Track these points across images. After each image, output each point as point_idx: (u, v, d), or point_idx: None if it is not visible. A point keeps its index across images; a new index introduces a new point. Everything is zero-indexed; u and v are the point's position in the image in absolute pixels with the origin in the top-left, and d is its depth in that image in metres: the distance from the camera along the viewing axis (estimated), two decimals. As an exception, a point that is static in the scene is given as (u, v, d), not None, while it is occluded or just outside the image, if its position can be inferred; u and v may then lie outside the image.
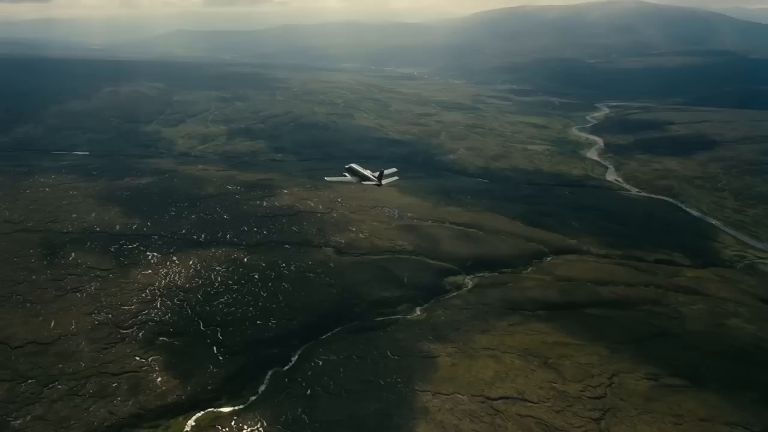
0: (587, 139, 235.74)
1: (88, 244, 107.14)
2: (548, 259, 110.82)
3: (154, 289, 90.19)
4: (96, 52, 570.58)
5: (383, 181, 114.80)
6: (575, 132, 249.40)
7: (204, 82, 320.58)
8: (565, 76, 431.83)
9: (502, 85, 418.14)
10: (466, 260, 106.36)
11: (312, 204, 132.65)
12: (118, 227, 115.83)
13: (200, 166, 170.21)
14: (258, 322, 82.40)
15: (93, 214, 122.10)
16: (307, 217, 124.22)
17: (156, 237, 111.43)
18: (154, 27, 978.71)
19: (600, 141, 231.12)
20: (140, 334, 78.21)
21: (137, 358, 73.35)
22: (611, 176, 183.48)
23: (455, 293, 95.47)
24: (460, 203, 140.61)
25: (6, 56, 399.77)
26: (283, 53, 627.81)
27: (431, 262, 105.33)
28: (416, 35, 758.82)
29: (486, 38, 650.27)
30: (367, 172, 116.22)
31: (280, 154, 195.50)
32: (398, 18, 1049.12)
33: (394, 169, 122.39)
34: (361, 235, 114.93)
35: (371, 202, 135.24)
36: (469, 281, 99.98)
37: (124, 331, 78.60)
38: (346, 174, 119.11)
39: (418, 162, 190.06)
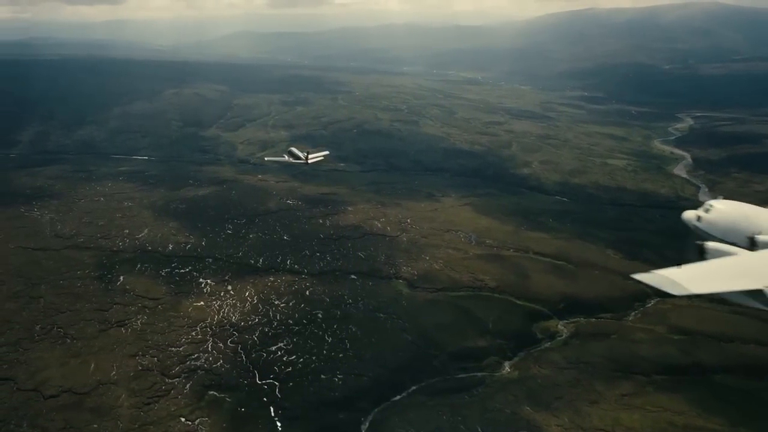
0: (672, 153, 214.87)
1: (139, 266, 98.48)
2: (653, 302, 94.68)
3: (206, 327, 79.89)
4: (161, 53, 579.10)
5: (310, 161, 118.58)
6: (658, 145, 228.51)
7: (265, 85, 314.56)
8: (638, 83, 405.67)
9: (572, 91, 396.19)
10: (557, 301, 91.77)
11: (379, 225, 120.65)
12: (171, 246, 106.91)
13: (259, 176, 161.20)
14: (322, 376, 70.52)
15: (146, 230, 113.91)
16: (374, 241, 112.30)
17: (210, 260, 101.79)
18: (218, 28, 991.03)
19: (687, 156, 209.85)
20: (188, 385, 67.62)
21: (182, 419, 62.60)
22: (705, 197, 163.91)
23: (549, 344, 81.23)
24: (542, 227, 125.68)
25: (75, 57, 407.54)
26: (344, 55, 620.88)
27: (518, 302, 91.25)
28: (479, 38, 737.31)
29: (552, 42, 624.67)
30: (300, 153, 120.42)
31: (342, 164, 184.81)
32: (460, 20, 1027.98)
33: (326, 152, 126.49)
34: (435, 266, 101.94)
35: (444, 224, 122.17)
36: (563, 328, 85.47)
37: (169, 381, 68.23)
38: (285, 155, 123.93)
39: (490, 176, 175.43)
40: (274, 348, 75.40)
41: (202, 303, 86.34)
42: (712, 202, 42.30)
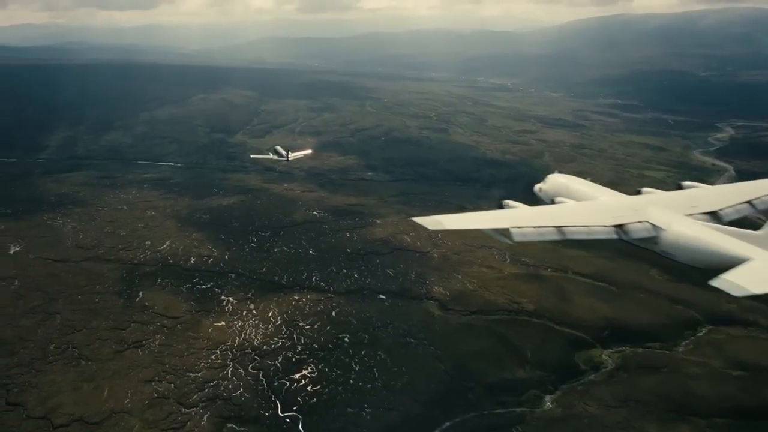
0: (714, 164, 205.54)
1: (159, 280, 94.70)
2: (704, 330, 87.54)
3: (226, 350, 75.34)
4: (191, 57, 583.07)
5: (290, 158, 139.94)
6: (698, 156, 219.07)
7: (292, 91, 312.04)
8: (674, 91, 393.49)
9: (605, 99, 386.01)
10: (600, 328, 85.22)
11: (409, 239, 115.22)
12: (193, 260, 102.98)
13: (285, 185, 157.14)
14: (349, 409, 65.20)
15: (168, 242, 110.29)
16: (403, 257, 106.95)
17: (233, 275, 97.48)
18: (247, 33, 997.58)
19: (730, 168, 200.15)
20: (205, 416, 62.93)
21: (199, 456, 58.08)
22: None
23: (593, 376, 74.85)
24: (580, 244, 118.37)
25: (106, 62, 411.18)
26: (372, 61, 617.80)
27: (558, 328, 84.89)
28: (508, 44, 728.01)
29: (582, 48, 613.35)
30: (282, 151, 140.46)
31: (370, 173, 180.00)
32: (489, 26, 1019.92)
33: (308, 151, 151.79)
34: (468, 286, 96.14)
35: (477, 239, 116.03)
36: (607, 358, 78.97)
37: (186, 411, 63.63)
38: (270, 153, 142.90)
39: (523, 187, 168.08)
40: (297, 376, 70.44)
41: (223, 323, 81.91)
42: (549, 175, 48.76)
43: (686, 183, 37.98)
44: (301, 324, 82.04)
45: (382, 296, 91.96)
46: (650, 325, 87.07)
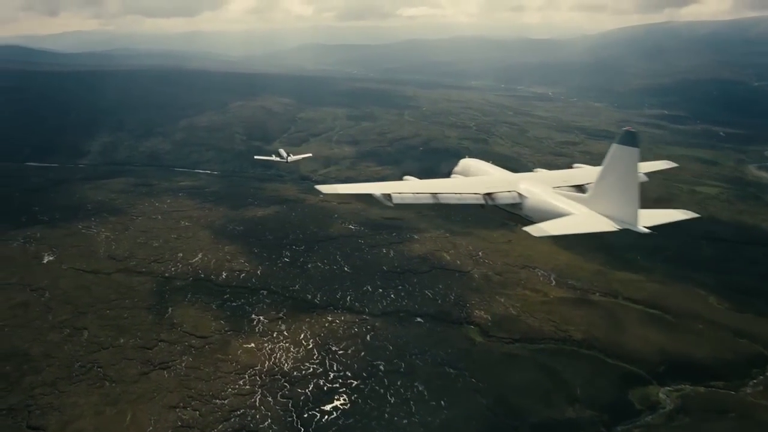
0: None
1: (189, 295, 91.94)
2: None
3: (255, 375, 71.68)
4: (231, 64, 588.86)
5: (289, 160, 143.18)
6: (754, 171, 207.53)
7: (330, 99, 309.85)
8: (725, 101, 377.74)
9: (651, 109, 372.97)
10: (656, 362, 78.67)
11: (448, 257, 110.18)
12: (224, 275, 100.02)
13: (321, 196, 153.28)
14: (383, 448, 60.77)
15: (200, 255, 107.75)
16: (442, 277, 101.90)
17: (265, 292, 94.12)
18: (287, 40, 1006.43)
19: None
20: (230, 450, 59.29)
21: (222, 496, 54.25)
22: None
23: (650, 417, 68.70)
24: (631, 266, 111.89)
25: (149, 68, 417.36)
26: (411, 68, 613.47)
27: (609, 361, 78.68)
28: (549, 52, 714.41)
29: (627, 56, 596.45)
30: (284, 154, 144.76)
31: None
32: (529, 34, 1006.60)
33: (308, 154, 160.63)
34: (512, 310, 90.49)
35: (520, 258, 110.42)
36: (665, 398, 72.49)
37: (210, 443, 60.11)
38: (273, 155, 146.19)
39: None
40: (329, 407, 66.27)
41: (252, 345, 78.38)
42: (462, 159, 52.67)
43: (575, 165, 49.20)
44: (333, 348, 77.91)
45: (419, 319, 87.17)
46: (712, 360, 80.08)
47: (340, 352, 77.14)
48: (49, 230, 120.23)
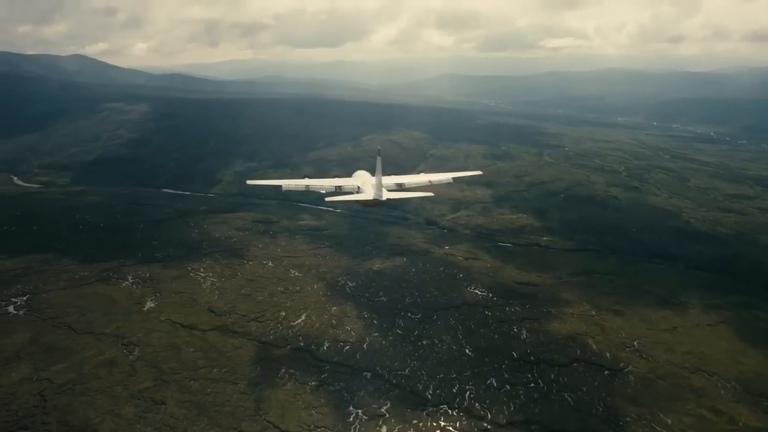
0: None
1: (283, 370, 79.84)
2: None
3: (341, 504, 56.76)
4: (370, 93, 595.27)
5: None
6: None
7: (465, 134, 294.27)
8: None
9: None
10: None
11: (594, 346, 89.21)
12: (326, 345, 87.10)
13: (447, 248, 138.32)
14: None
15: (303, 316, 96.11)
16: (587, 374, 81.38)
17: (369, 375, 79.68)
18: (426, 70, 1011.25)
19: None
20: None
21: None
22: None
23: None
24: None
25: (292, 95, 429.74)
26: (553, 101, 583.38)
27: None
28: (710, 86, 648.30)
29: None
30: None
31: (546, 237, 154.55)
32: (686, 66, 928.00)
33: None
34: (684, 439, 68.27)
35: (690, 356, 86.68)
36: None
37: None
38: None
39: (743, 273, 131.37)
40: None
41: (344, 454, 63.67)
42: (356, 171, 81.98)
43: (420, 171, 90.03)
44: (444, 474, 61.10)
45: (557, 440, 67.81)
46: None
47: (453, 482, 60.17)
48: (159, 270, 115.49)
